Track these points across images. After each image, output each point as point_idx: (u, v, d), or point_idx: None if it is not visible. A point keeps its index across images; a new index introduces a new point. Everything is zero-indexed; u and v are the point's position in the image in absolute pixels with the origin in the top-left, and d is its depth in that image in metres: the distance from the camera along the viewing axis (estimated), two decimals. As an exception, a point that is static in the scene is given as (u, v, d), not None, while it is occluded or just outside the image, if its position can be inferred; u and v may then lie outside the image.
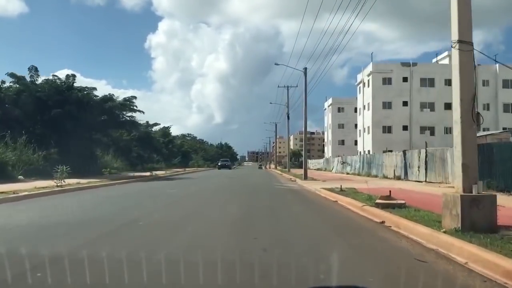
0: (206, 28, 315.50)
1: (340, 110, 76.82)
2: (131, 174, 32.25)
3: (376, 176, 30.71)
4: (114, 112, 31.79)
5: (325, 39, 75.80)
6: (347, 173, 39.79)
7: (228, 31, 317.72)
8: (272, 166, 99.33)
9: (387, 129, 53.14)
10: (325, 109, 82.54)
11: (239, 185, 22.67)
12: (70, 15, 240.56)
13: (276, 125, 73.89)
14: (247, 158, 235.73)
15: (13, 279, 3.91)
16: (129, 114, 33.66)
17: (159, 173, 35.86)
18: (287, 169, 50.62)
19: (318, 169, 57.12)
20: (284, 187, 21.54)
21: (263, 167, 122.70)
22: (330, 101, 78.98)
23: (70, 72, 38.54)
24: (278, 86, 54.92)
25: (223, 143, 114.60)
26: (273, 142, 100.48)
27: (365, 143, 55.69)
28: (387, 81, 53.46)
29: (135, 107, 33.98)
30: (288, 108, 43.43)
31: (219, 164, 65.98)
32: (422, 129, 52.38)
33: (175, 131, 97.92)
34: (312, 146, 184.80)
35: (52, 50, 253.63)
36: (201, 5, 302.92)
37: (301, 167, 58.06)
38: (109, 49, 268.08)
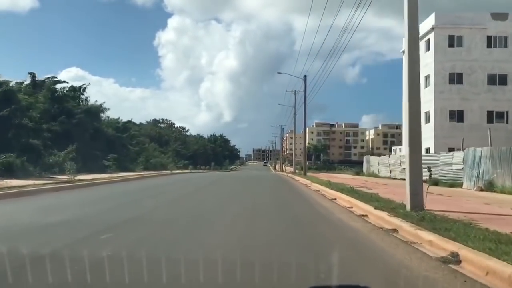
0: (217, 24, 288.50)
1: (454, 42, 34.22)
2: None
3: None
4: None
5: (335, 36, 42.30)
6: None
7: (239, 28, 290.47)
8: (288, 168, 65.77)
9: None
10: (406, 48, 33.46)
11: None
12: (79, 11, 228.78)
13: (295, 94, 41.62)
14: (252, 157, 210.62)
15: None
16: None
17: None
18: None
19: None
20: None
21: (269, 166, 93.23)
22: (429, 22, 34.31)
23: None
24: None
25: (217, 135, 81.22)
26: (288, 132, 66.84)
27: None
28: None
29: None
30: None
31: None
32: None
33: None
34: (332, 141, 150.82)
35: (61, 48, 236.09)
36: (212, 0, 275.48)
37: (323, 170, 22.44)
38: (117, 46, 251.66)
